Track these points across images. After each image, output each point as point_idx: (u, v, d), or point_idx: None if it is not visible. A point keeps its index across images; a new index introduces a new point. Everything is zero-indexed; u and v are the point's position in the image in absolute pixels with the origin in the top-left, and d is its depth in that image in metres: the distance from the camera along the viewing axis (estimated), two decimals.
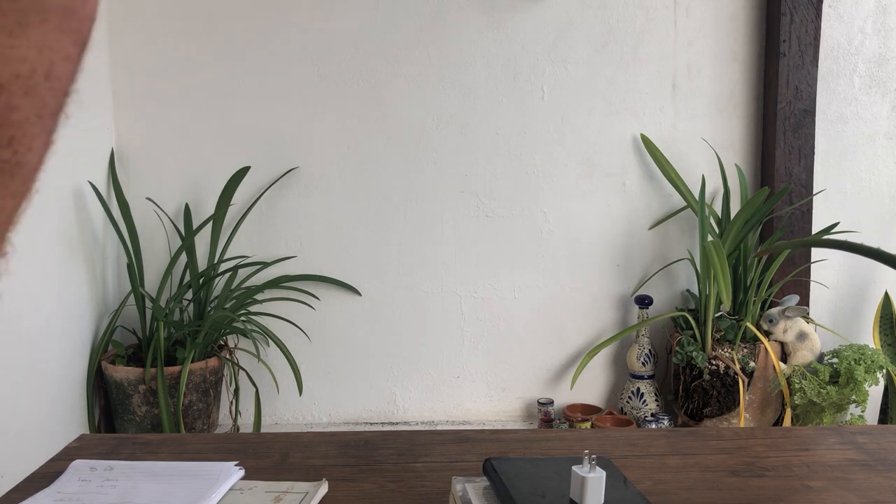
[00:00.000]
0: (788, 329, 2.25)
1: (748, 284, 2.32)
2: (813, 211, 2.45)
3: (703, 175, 2.42)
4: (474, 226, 2.48)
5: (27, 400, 1.86)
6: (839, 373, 2.16)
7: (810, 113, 2.40)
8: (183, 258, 2.35)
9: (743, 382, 2.22)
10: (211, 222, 2.35)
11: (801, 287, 2.43)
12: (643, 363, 2.38)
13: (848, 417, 2.23)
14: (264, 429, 2.40)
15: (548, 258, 2.49)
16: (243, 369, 2.35)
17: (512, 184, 2.47)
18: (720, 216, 2.42)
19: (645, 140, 2.44)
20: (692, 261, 2.46)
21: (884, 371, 2.16)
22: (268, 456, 0.87)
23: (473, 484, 0.69)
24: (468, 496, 0.67)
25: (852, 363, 2.14)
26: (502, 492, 0.65)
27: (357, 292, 2.47)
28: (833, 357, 2.24)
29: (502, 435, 0.94)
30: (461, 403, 2.53)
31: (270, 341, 2.33)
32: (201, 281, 2.32)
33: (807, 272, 2.45)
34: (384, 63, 2.42)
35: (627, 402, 2.39)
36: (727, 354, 2.25)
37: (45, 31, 0.21)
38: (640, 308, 2.40)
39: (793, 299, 2.30)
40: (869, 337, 2.44)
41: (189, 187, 2.43)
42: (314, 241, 2.46)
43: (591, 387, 2.54)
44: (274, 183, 2.42)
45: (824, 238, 2.29)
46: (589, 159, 2.47)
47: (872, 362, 2.14)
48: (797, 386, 2.18)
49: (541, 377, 2.53)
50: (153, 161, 2.41)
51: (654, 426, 2.25)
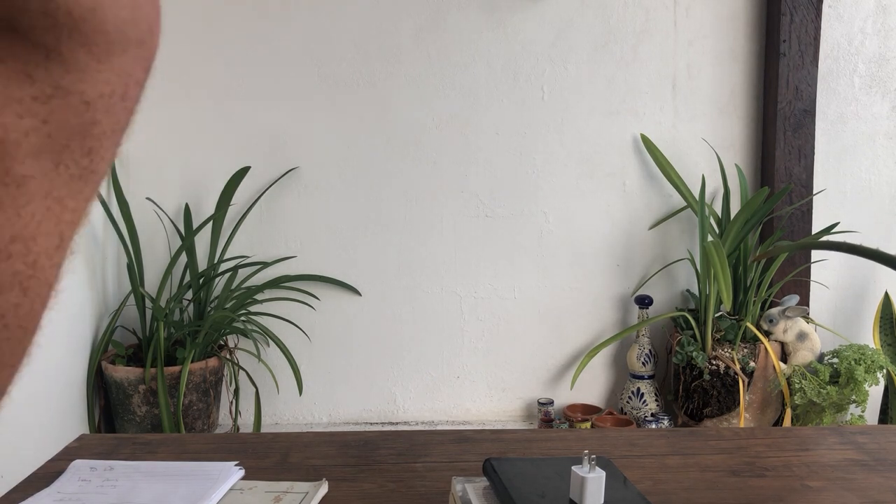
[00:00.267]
0: (788, 329, 2.25)
1: (748, 284, 2.32)
2: (813, 211, 2.45)
3: (703, 175, 2.42)
4: (474, 226, 2.48)
5: (27, 400, 1.86)
6: (839, 373, 2.16)
7: (810, 113, 2.40)
8: (183, 258, 2.36)
9: (743, 382, 2.22)
10: (211, 222, 2.35)
11: (801, 287, 2.43)
12: (643, 363, 2.38)
13: (848, 417, 2.23)
14: (264, 429, 2.40)
15: (548, 258, 2.49)
16: (243, 369, 2.35)
17: (512, 184, 2.47)
18: (720, 216, 2.42)
19: (645, 140, 2.44)
20: (692, 261, 2.46)
21: (884, 371, 2.16)
22: (268, 456, 0.87)
23: (473, 484, 0.69)
24: (468, 496, 0.67)
25: (852, 363, 2.14)
26: (502, 492, 0.65)
27: (357, 292, 2.47)
28: (833, 357, 2.24)
29: (502, 435, 0.94)
30: (461, 403, 2.53)
31: (270, 341, 2.33)
32: (201, 281, 2.33)
33: (807, 272, 2.45)
34: (384, 63, 2.42)
35: (627, 402, 2.39)
36: (727, 354, 2.25)
37: (125, 60, 0.25)
38: (640, 308, 2.40)
39: (793, 299, 2.30)
40: (869, 337, 2.44)
41: (189, 187, 2.43)
42: (314, 241, 2.46)
43: (591, 387, 2.54)
44: (274, 183, 2.42)
45: (823, 240, 2.29)
46: (589, 159, 2.47)
47: (872, 362, 2.14)
48: (797, 386, 2.18)
49: (541, 377, 2.53)
50: (153, 161, 2.41)
51: (654, 426, 2.25)
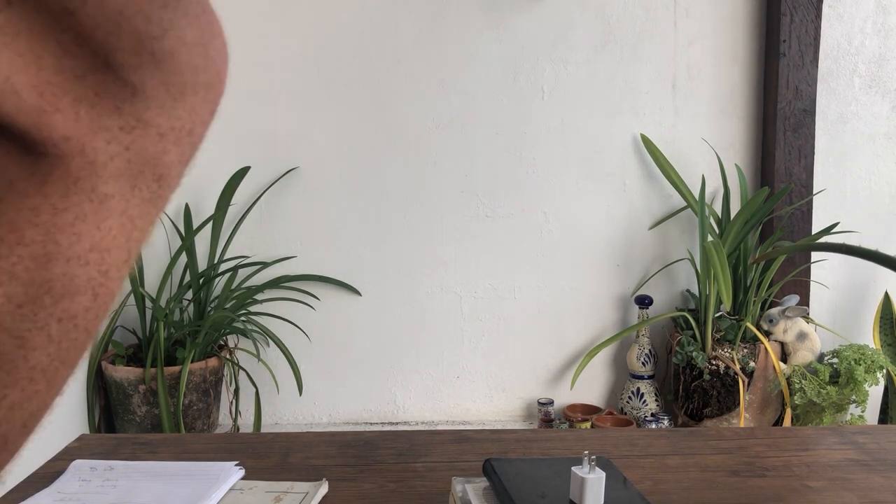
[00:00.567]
0: (788, 329, 2.25)
1: (748, 284, 2.32)
2: (813, 211, 2.45)
3: (703, 175, 2.42)
4: (474, 226, 2.48)
5: None
6: (839, 373, 2.16)
7: (810, 113, 2.40)
8: (183, 258, 2.36)
9: (743, 382, 2.22)
10: (211, 222, 2.35)
11: (801, 287, 2.43)
12: (643, 363, 2.38)
13: (848, 417, 2.23)
14: (264, 429, 2.40)
15: (548, 258, 2.49)
16: (243, 369, 2.35)
17: (512, 184, 2.47)
18: (720, 216, 2.42)
19: (645, 140, 2.44)
20: (692, 261, 2.46)
21: (884, 371, 2.16)
22: (268, 456, 0.87)
23: (473, 485, 0.69)
24: (468, 497, 0.67)
25: (852, 363, 2.14)
26: (502, 492, 0.65)
27: (357, 292, 2.47)
28: (833, 357, 2.24)
29: (502, 435, 0.94)
30: (461, 403, 2.53)
31: (270, 341, 2.33)
32: (201, 281, 2.33)
33: (807, 272, 2.45)
34: (384, 63, 2.42)
35: (627, 402, 2.39)
36: (727, 354, 2.25)
37: (195, 101, 0.28)
38: (640, 308, 2.40)
39: (793, 299, 2.30)
40: (869, 337, 2.44)
41: (189, 187, 2.43)
42: (314, 241, 2.46)
43: (591, 387, 2.54)
44: (274, 183, 2.42)
45: (822, 241, 2.29)
46: (589, 159, 2.47)
47: (872, 362, 2.14)
48: (797, 386, 2.18)
49: (541, 377, 2.53)
50: None
51: (654, 426, 2.25)
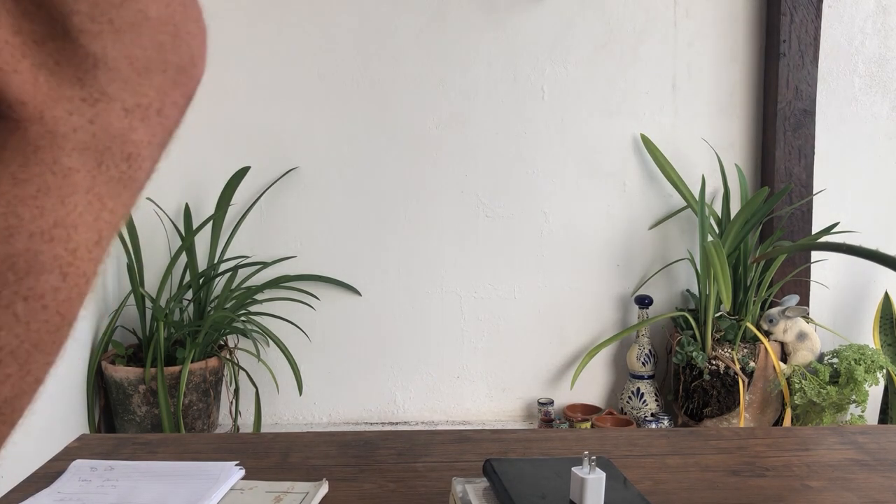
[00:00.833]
0: (788, 329, 2.25)
1: (748, 284, 2.32)
2: (813, 211, 2.45)
3: (703, 175, 2.42)
4: (474, 226, 2.48)
5: None
6: (839, 373, 2.16)
7: (810, 113, 2.40)
8: (183, 258, 2.35)
9: (743, 382, 2.22)
10: (211, 222, 2.35)
11: (801, 287, 2.43)
12: (643, 363, 2.38)
13: (848, 417, 2.23)
14: (264, 429, 2.40)
15: (548, 258, 2.49)
16: (243, 369, 2.35)
17: (512, 184, 2.47)
18: (720, 216, 2.42)
19: (645, 140, 2.44)
20: (692, 261, 2.46)
21: (884, 371, 2.16)
22: (268, 456, 0.87)
23: (473, 485, 0.69)
24: (468, 497, 0.67)
25: (852, 363, 2.14)
26: (502, 493, 0.65)
27: (357, 292, 2.47)
28: (833, 357, 2.24)
29: (502, 435, 0.94)
30: (461, 403, 2.53)
31: (270, 341, 2.33)
32: (201, 281, 2.33)
33: (807, 272, 2.45)
34: (384, 63, 2.42)
35: (627, 402, 2.39)
36: (727, 354, 2.25)
37: (164, 80, 0.27)
38: (640, 308, 2.40)
39: (793, 299, 2.30)
40: (869, 337, 2.44)
41: (189, 187, 2.43)
42: (314, 241, 2.46)
43: (591, 387, 2.54)
44: (274, 183, 2.42)
45: (822, 241, 2.29)
46: (589, 159, 2.47)
47: (872, 362, 2.14)
48: (797, 386, 2.18)
49: (541, 377, 2.53)
50: None
51: (654, 426, 2.25)
